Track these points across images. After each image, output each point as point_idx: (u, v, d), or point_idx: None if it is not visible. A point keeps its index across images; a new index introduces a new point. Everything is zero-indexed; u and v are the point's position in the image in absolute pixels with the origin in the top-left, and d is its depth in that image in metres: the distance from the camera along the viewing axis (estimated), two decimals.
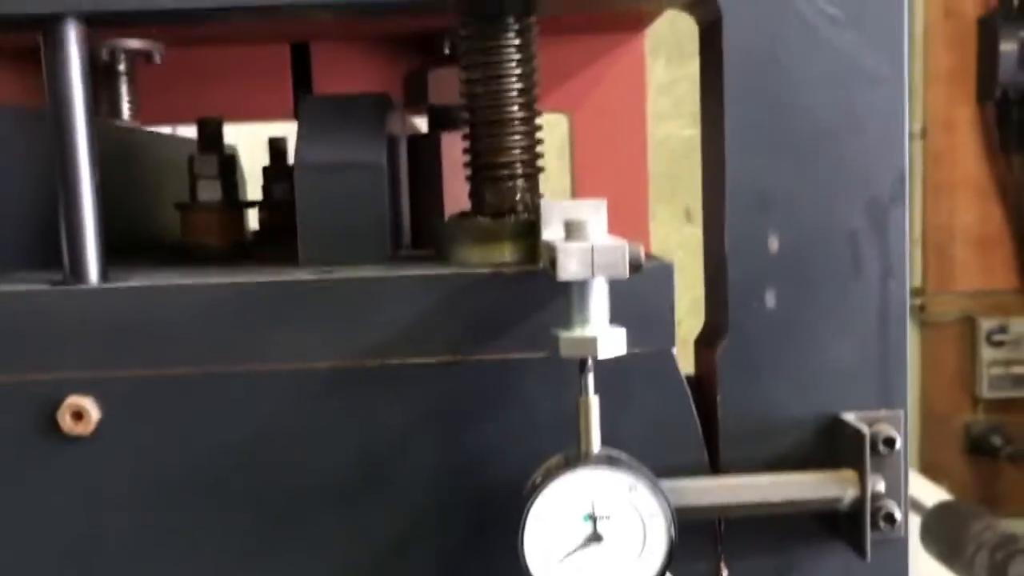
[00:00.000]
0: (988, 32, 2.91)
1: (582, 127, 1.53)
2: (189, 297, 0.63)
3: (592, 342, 0.57)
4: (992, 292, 3.09)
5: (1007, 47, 2.87)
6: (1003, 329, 3.06)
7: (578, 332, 0.57)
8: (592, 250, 0.56)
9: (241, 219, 0.93)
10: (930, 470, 3.11)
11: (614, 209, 1.68)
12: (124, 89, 1.28)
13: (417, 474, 0.64)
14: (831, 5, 0.62)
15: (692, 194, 0.68)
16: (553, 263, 0.56)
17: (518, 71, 0.70)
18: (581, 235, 0.57)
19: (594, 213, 0.62)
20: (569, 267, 0.55)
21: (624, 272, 0.56)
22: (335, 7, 0.66)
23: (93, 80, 1.24)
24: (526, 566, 0.57)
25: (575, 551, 0.57)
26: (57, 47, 0.62)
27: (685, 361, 0.66)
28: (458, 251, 0.70)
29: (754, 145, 0.63)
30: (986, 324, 3.08)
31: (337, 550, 0.64)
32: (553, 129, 1.51)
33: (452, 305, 0.63)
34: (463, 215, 0.74)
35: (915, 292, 3.08)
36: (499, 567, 0.63)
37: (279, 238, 0.88)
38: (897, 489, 0.63)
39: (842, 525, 0.64)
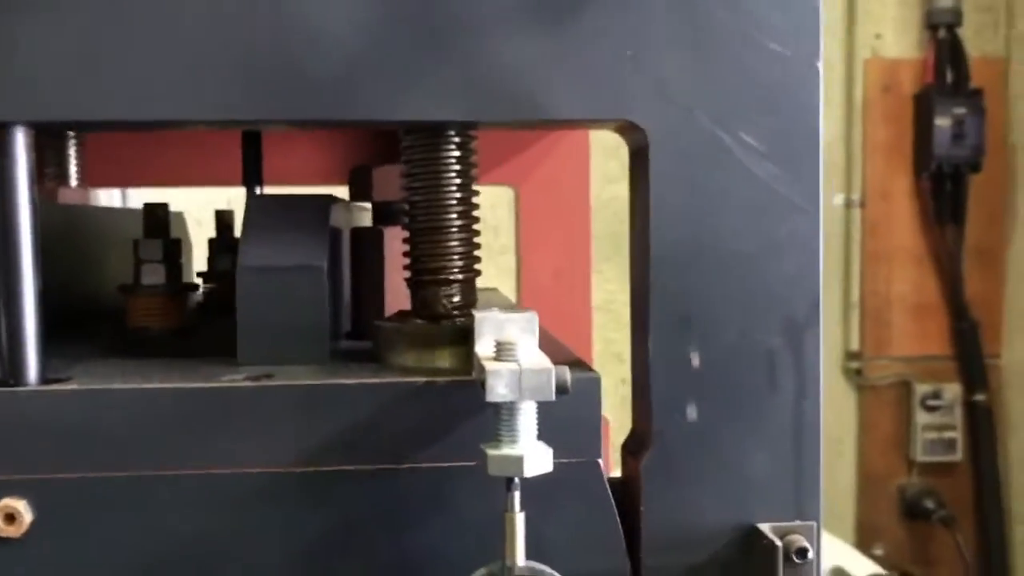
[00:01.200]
0: (924, 107, 3.02)
1: (528, 199, 1.57)
2: (127, 402, 0.64)
3: (519, 461, 0.59)
4: (927, 358, 3.17)
5: (941, 122, 2.98)
6: (937, 395, 3.14)
7: (505, 450, 0.59)
8: (520, 373, 0.58)
9: (184, 302, 0.94)
10: (865, 531, 3.17)
11: (558, 274, 1.69)
12: (72, 152, 1.29)
13: None
14: (751, 137, 0.66)
15: None
16: (483, 382, 0.59)
17: (457, 180, 0.73)
18: (510, 356, 0.60)
19: (525, 329, 0.64)
20: (497, 389, 0.58)
21: (551, 395, 0.59)
22: (280, 123, 0.69)
23: (42, 144, 1.25)
24: None
25: None
26: (5, 153, 0.64)
27: None
28: (395, 354, 0.72)
29: (678, 265, 0.66)
30: (921, 389, 3.16)
31: None
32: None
33: (386, 414, 0.65)
34: (401, 315, 0.76)
35: (852, 356, 3.16)
36: None
37: (223, 310, 0.89)
38: None
39: None
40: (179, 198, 1.38)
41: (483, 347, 0.64)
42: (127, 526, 0.64)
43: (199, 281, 1.19)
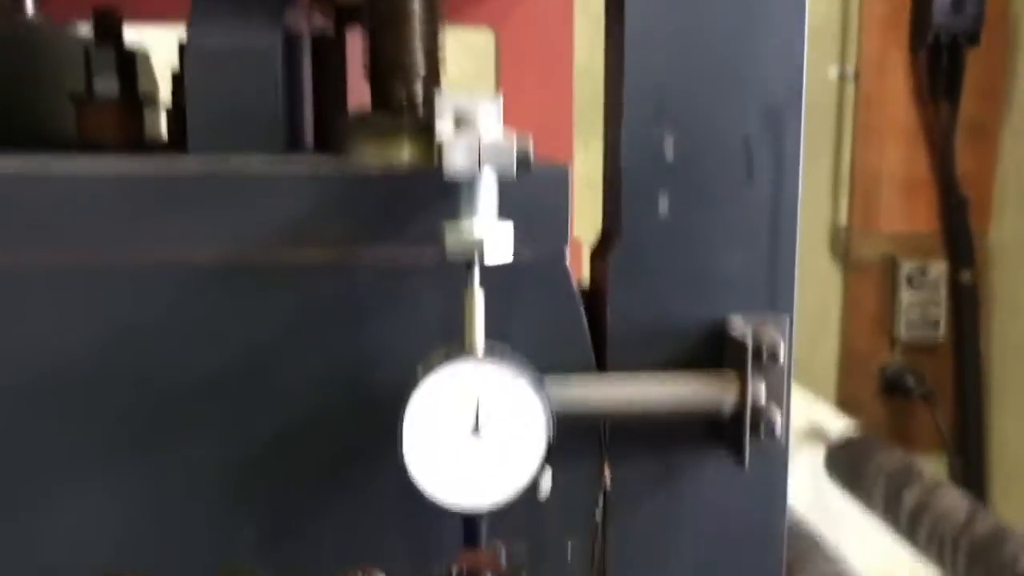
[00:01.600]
0: None
1: (508, 43, 1.51)
2: (63, 186, 0.60)
3: (479, 244, 0.56)
4: (914, 235, 3.15)
5: None
6: (923, 271, 3.13)
7: (465, 233, 0.56)
8: (479, 145, 0.55)
9: (140, 116, 0.90)
10: (846, 407, 3.19)
11: (538, 129, 1.65)
12: None
13: (301, 377, 0.63)
14: None
15: None
16: (440, 158, 0.55)
17: None
18: (470, 129, 0.56)
19: (488, 107, 0.61)
20: (455, 162, 0.54)
21: (512, 169, 0.55)
22: None
23: None
24: (404, 462, 0.56)
25: (454, 446, 0.56)
26: None
27: None
28: (356, 149, 0.68)
29: (653, 48, 0.62)
30: (907, 266, 3.14)
31: (217, 453, 0.63)
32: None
33: (341, 203, 0.62)
34: (363, 113, 0.72)
35: (839, 232, 3.13)
36: (385, 469, 0.63)
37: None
38: (779, 394, 0.64)
39: (724, 431, 0.64)
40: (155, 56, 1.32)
41: (443, 126, 0.60)
42: (67, 317, 0.61)
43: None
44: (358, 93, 0.82)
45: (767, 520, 0.67)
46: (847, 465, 1.57)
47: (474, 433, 0.56)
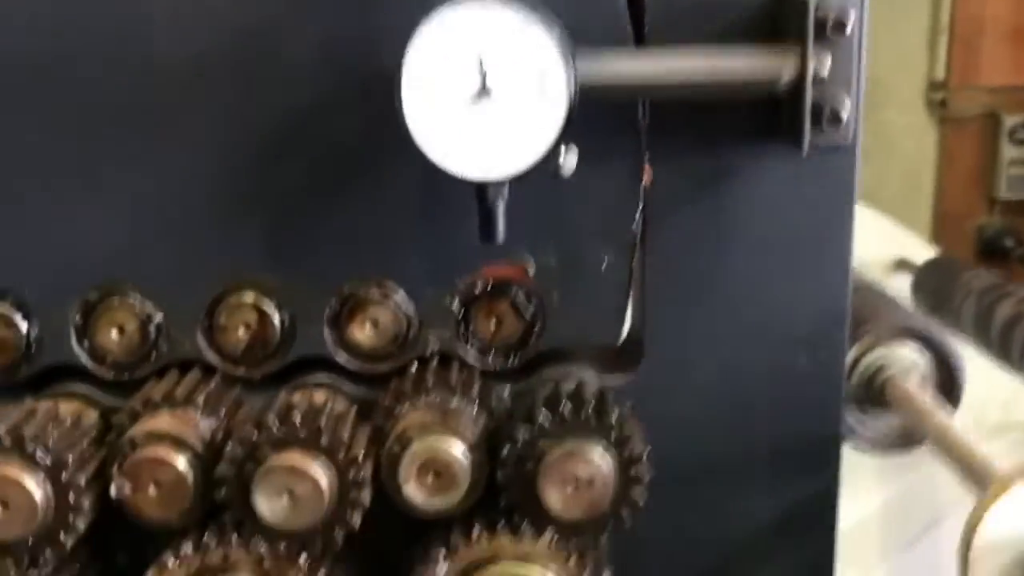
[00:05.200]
0: None
1: None
2: None
3: None
4: (1019, 88, 2.93)
5: None
6: None
7: None
8: None
9: None
10: None
11: None
12: None
13: (304, 56, 0.56)
14: None
15: None
16: None
17: None
18: None
19: None
20: None
21: None
22: None
23: None
24: (406, 127, 0.49)
25: (459, 106, 0.49)
26: None
27: None
28: None
29: None
30: (1010, 121, 2.94)
31: (220, 145, 0.57)
32: None
33: None
34: None
35: (937, 86, 2.93)
36: (398, 164, 0.57)
37: None
38: (847, 74, 0.55)
39: (783, 118, 0.56)
40: None
41: None
42: None
43: None
44: None
45: (832, 229, 0.58)
46: (934, 288, 1.45)
47: (482, 91, 0.49)
